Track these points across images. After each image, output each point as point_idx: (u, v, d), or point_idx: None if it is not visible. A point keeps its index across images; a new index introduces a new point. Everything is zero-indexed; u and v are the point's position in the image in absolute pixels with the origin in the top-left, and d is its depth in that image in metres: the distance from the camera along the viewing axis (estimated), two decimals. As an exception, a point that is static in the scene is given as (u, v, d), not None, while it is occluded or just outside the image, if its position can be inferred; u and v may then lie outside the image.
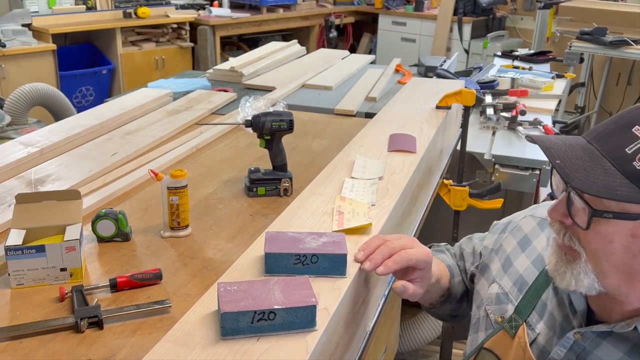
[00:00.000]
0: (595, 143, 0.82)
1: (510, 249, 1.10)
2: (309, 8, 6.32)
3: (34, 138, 1.72)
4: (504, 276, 1.08)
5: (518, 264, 1.07)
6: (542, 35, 5.48)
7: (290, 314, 0.82)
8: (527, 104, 2.66)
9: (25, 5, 4.70)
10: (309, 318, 0.83)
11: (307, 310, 0.82)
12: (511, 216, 1.18)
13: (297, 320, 0.82)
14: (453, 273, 1.23)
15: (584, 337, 0.91)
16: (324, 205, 1.23)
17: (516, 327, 1.00)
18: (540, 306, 0.99)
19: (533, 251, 1.06)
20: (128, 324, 0.98)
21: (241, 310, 0.80)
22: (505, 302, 1.05)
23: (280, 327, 0.82)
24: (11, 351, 0.91)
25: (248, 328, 0.81)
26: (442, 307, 1.23)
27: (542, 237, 1.07)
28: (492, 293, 1.09)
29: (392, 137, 1.63)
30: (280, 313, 0.81)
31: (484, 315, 1.09)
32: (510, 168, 2.31)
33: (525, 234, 1.09)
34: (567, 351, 0.92)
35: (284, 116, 1.44)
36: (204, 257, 1.18)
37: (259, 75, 2.71)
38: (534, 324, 0.98)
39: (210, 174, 1.60)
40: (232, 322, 0.80)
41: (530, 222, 1.10)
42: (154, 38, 5.29)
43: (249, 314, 0.80)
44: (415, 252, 0.98)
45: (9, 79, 4.34)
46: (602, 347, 0.89)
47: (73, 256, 1.07)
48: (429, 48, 6.29)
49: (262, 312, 0.81)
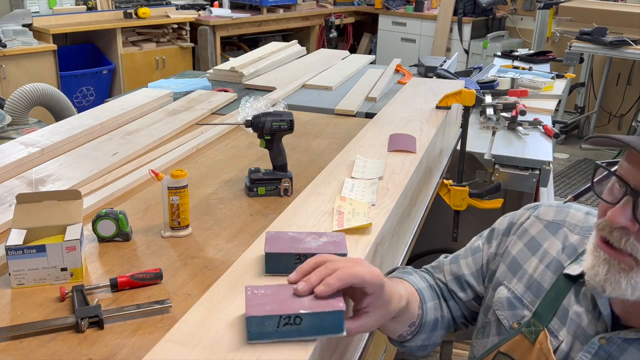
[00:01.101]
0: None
1: (517, 251, 1.07)
2: (309, 8, 6.32)
3: (35, 138, 1.72)
4: (512, 279, 1.05)
5: (529, 267, 1.03)
6: (542, 35, 5.48)
7: (316, 318, 0.80)
8: (527, 104, 2.66)
9: (26, 5, 4.70)
10: (336, 323, 0.81)
11: (334, 315, 0.80)
12: (509, 217, 1.13)
13: (324, 325, 0.80)
14: (424, 298, 1.09)
15: (609, 342, 0.89)
16: (324, 205, 1.23)
17: (536, 332, 0.97)
18: (561, 312, 0.96)
19: (546, 255, 1.03)
20: (128, 323, 0.98)
21: (267, 315, 0.79)
22: (519, 307, 1.02)
23: (307, 331, 0.80)
24: (12, 351, 0.91)
25: (274, 333, 0.79)
26: (413, 339, 1.07)
27: (553, 241, 1.03)
28: (501, 297, 1.05)
29: (392, 137, 1.63)
30: (307, 318, 0.80)
31: (494, 319, 1.06)
32: (510, 168, 2.31)
33: (533, 236, 1.06)
34: (592, 357, 0.90)
35: (284, 116, 1.45)
36: (204, 257, 1.19)
37: (259, 75, 2.71)
38: (556, 330, 0.96)
39: (210, 174, 1.60)
40: (258, 326, 0.79)
41: (536, 224, 1.07)
42: (154, 38, 5.30)
43: (274, 319, 0.79)
44: (361, 270, 0.85)
45: (10, 79, 4.35)
46: (629, 353, 0.88)
47: (73, 256, 1.07)
48: (429, 48, 6.30)
49: (287, 317, 0.79)
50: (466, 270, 1.15)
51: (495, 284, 1.08)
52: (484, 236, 1.16)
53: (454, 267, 1.16)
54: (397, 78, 2.75)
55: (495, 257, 1.11)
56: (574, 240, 1.02)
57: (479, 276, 1.13)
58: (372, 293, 0.87)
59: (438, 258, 1.23)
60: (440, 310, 1.12)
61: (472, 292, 1.14)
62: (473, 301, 1.14)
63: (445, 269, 1.18)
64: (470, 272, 1.14)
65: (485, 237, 1.16)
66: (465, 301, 1.14)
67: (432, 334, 1.10)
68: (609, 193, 0.85)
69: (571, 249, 1.01)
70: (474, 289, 1.14)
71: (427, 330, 1.09)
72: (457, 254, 1.19)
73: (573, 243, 1.01)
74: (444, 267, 1.18)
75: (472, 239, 1.19)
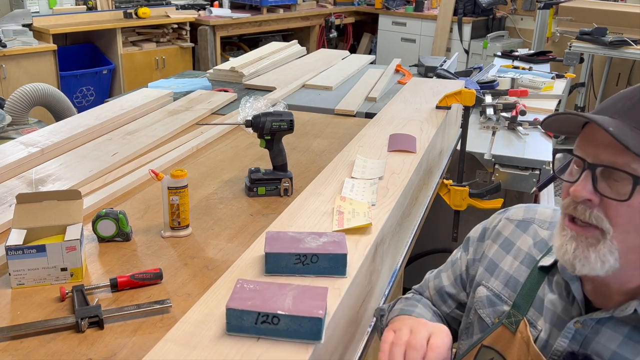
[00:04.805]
0: (618, 117, 0.83)
1: (492, 253, 1.10)
2: (309, 8, 6.32)
3: (35, 138, 1.72)
4: (490, 278, 1.08)
5: (505, 266, 1.07)
6: (542, 35, 5.48)
7: (294, 322, 0.81)
8: (527, 104, 2.66)
9: (26, 5, 4.70)
10: (314, 330, 0.81)
11: (311, 321, 0.81)
12: (482, 224, 1.17)
13: (301, 330, 0.81)
14: None
15: (584, 326, 0.92)
16: (324, 205, 1.23)
17: (516, 322, 1.00)
18: (537, 302, 1.00)
19: (519, 252, 1.06)
20: (129, 323, 0.98)
21: (245, 309, 0.80)
22: (499, 303, 1.05)
23: (284, 333, 0.81)
24: (12, 351, 0.91)
25: (252, 328, 0.81)
26: None
27: (524, 238, 1.07)
28: (481, 296, 1.08)
29: (392, 137, 1.63)
30: (284, 319, 0.81)
31: (476, 318, 1.08)
32: (510, 168, 2.31)
33: (506, 236, 1.10)
34: (569, 341, 0.93)
35: (284, 116, 1.45)
36: (204, 257, 1.19)
37: (259, 75, 2.71)
38: (535, 321, 0.99)
39: (210, 174, 1.60)
40: (237, 319, 0.80)
41: (508, 226, 1.10)
42: (154, 38, 5.30)
43: (252, 315, 0.80)
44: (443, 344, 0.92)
45: (10, 79, 4.34)
46: (603, 333, 0.90)
47: (74, 256, 1.07)
48: (429, 48, 6.30)
49: (265, 315, 0.80)
50: (446, 282, 1.17)
51: (475, 285, 1.11)
52: (461, 247, 1.19)
53: (436, 282, 1.19)
54: (397, 78, 2.75)
55: (473, 262, 1.14)
56: (544, 235, 1.05)
57: (457, 284, 1.16)
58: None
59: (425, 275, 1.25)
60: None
61: (453, 303, 1.16)
62: (456, 310, 1.17)
63: (430, 285, 1.20)
64: (450, 282, 1.17)
65: (462, 247, 1.19)
66: (448, 313, 1.17)
67: None
68: (569, 175, 0.89)
69: (542, 244, 1.04)
70: (455, 298, 1.16)
71: None
72: (440, 269, 1.22)
73: (544, 238, 1.05)
74: (428, 283, 1.21)
75: (453, 252, 1.22)
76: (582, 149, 0.86)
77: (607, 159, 0.83)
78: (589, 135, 0.86)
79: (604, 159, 0.83)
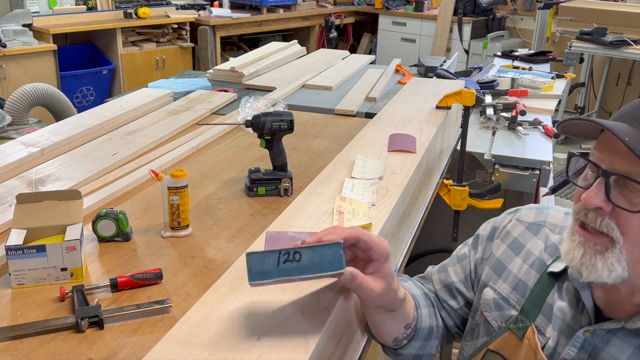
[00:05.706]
0: (638, 125, 0.82)
1: (500, 253, 1.08)
2: (309, 8, 6.33)
3: (35, 138, 1.72)
4: (497, 280, 1.06)
5: (514, 268, 1.05)
6: (542, 35, 5.49)
7: (316, 253, 0.81)
8: (527, 104, 2.66)
9: (26, 5, 4.70)
10: (335, 258, 0.81)
11: (332, 248, 0.81)
12: (492, 222, 1.15)
13: (323, 261, 0.81)
14: (419, 304, 1.08)
15: (594, 335, 0.91)
16: (324, 205, 1.23)
17: (524, 328, 0.98)
18: (546, 309, 0.98)
19: (529, 255, 1.04)
20: (129, 323, 0.98)
21: (266, 251, 0.81)
22: (506, 307, 1.03)
23: (308, 269, 0.81)
24: (12, 351, 0.91)
25: (275, 271, 0.80)
26: (408, 345, 1.06)
27: (535, 241, 1.05)
28: (487, 298, 1.06)
29: (392, 137, 1.63)
30: (306, 253, 0.81)
31: (482, 321, 1.07)
32: (510, 168, 2.31)
33: (515, 237, 1.08)
34: (578, 350, 0.91)
35: (284, 116, 1.45)
36: (204, 257, 1.19)
37: (259, 75, 2.71)
38: (543, 328, 0.97)
39: (210, 174, 1.60)
40: (258, 264, 0.80)
41: (518, 227, 1.09)
42: (154, 38, 5.30)
43: (274, 255, 0.80)
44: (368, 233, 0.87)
45: (10, 79, 4.35)
46: (613, 344, 0.89)
47: (74, 256, 1.07)
48: (429, 48, 6.30)
49: (287, 253, 0.80)
50: (455, 278, 1.15)
51: (481, 286, 1.09)
52: (470, 243, 1.17)
53: (442, 276, 1.17)
54: (397, 78, 2.75)
55: (482, 261, 1.12)
56: (555, 240, 1.03)
57: (467, 283, 1.14)
58: (377, 259, 0.87)
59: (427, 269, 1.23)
60: (435, 319, 1.11)
61: (462, 299, 1.14)
62: (465, 308, 1.14)
63: (434, 278, 1.18)
64: (459, 279, 1.15)
65: (470, 244, 1.17)
66: (456, 309, 1.14)
67: (427, 343, 1.08)
68: (583, 180, 0.88)
69: (553, 248, 1.03)
70: (464, 295, 1.14)
71: (422, 338, 1.08)
72: (444, 263, 1.19)
73: (555, 242, 1.03)
74: (432, 276, 1.19)
75: (458, 247, 1.20)
76: (598, 156, 0.85)
77: (621, 168, 0.81)
78: (605, 142, 0.85)
79: (619, 167, 0.82)
